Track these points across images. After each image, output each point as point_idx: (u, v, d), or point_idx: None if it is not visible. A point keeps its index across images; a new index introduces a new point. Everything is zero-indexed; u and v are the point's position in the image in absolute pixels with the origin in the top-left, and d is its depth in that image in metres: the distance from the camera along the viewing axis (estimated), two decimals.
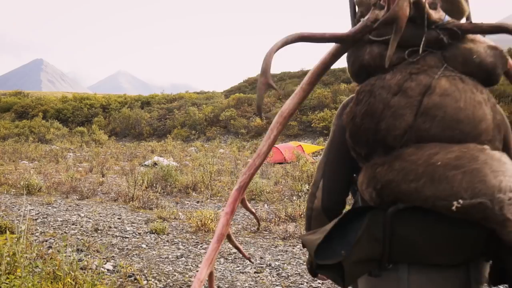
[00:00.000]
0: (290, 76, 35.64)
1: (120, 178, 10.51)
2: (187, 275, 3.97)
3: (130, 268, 3.96)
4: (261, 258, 4.47)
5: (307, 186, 7.60)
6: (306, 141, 20.83)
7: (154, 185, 8.55)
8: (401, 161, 1.09)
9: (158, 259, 4.42)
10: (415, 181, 1.05)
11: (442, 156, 1.05)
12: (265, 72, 1.13)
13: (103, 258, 4.27)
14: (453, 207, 1.01)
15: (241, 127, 25.25)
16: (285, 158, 13.73)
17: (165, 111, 31.10)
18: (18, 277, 2.87)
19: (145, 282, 3.71)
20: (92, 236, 5.18)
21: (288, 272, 4.04)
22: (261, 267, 4.19)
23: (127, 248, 4.77)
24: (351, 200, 1.38)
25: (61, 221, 5.93)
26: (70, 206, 7.05)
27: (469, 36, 1.19)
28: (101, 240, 5.03)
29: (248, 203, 1.24)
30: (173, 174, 9.14)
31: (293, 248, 4.83)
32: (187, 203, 7.63)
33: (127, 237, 5.22)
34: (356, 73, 1.26)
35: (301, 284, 3.74)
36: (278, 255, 4.58)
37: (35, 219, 6.00)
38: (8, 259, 3.04)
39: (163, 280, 3.81)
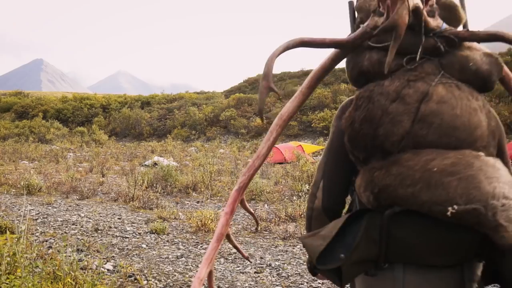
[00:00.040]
0: (290, 76, 35.65)
1: (120, 178, 10.52)
2: (187, 275, 3.97)
3: (130, 268, 3.96)
4: (261, 258, 4.47)
5: (307, 186, 7.60)
6: (306, 141, 20.84)
7: (154, 185, 8.55)
8: (399, 166, 1.11)
9: (158, 259, 4.42)
10: (412, 186, 1.08)
11: (439, 162, 1.07)
12: (267, 76, 1.15)
13: (103, 258, 4.27)
14: (448, 213, 1.04)
15: (241, 127, 25.27)
16: (285, 158, 13.74)
17: (165, 111, 31.12)
18: (18, 277, 2.87)
19: (145, 282, 3.71)
20: (92, 236, 5.18)
21: (288, 272, 4.05)
22: (261, 267, 4.20)
23: (127, 248, 4.78)
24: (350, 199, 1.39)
25: (61, 221, 5.93)
26: (70, 206, 7.06)
27: (466, 44, 1.21)
28: (101, 240, 5.04)
29: (247, 204, 1.26)
30: (173, 174, 9.14)
31: (293, 248, 4.83)
32: (187, 203, 7.64)
33: (127, 237, 5.22)
34: (355, 79, 1.28)
35: (301, 284, 3.74)
36: (278, 255, 4.58)
37: (35, 219, 6.00)
38: (8, 259, 3.04)
39: (163, 280, 3.81)
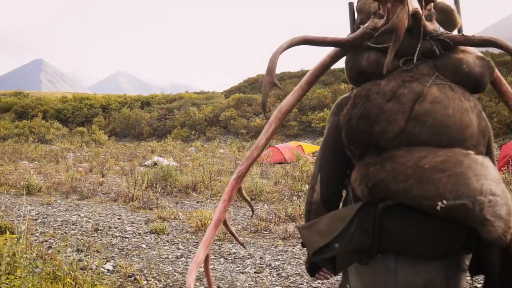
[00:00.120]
0: (290, 76, 35.63)
1: (120, 178, 10.51)
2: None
3: (130, 268, 3.96)
4: (261, 258, 4.47)
5: (307, 186, 7.60)
6: (306, 141, 20.85)
7: (154, 185, 8.55)
8: (392, 162, 1.16)
9: (158, 259, 4.42)
10: (404, 182, 1.13)
11: (430, 160, 1.13)
12: (271, 71, 1.21)
13: (103, 258, 4.27)
14: (438, 207, 1.10)
15: (241, 127, 25.27)
16: (285, 158, 13.74)
17: (165, 111, 31.11)
18: (18, 277, 2.87)
19: (145, 282, 3.71)
20: (92, 236, 5.18)
21: (288, 272, 4.04)
22: (261, 267, 4.19)
23: (127, 248, 4.77)
24: None
25: (61, 221, 5.93)
26: (70, 206, 7.06)
27: (460, 47, 1.27)
28: (101, 240, 5.03)
29: (244, 192, 1.31)
30: (173, 174, 9.14)
31: (293, 248, 4.83)
32: (187, 203, 7.63)
33: (127, 237, 5.22)
34: (354, 78, 1.34)
35: (301, 284, 3.74)
36: (278, 255, 4.58)
37: (35, 219, 6.00)
38: (8, 260, 3.04)
39: (163, 280, 3.81)
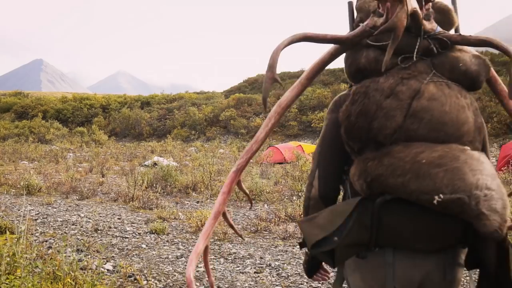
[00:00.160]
0: (290, 76, 35.60)
1: (120, 178, 10.51)
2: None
3: (130, 268, 3.96)
4: (261, 258, 4.47)
5: None
6: (306, 141, 20.84)
7: (154, 185, 8.55)
8: (390, 158, 1.18)
9: (158, 259, 4.42)
10: (402, 176, 1.16)
11: (427, 155, 1.15)
12: (272, 67, 1.23)
13: (103, 258, 4.27)
14: (435, 201, 1.12)
15: (241, 127, 25.25)
16: (285, 158, 13.74)
17: (165, 111, 31.09)
18: (18, 278, 2.87)
19: (145, 282, 3.71)
20: (92, 236, 5.18)
21: (288, 272, 4.04)
22: (261, 267, 4.19)
23: (127, 248, 4.77)
24: None
25: (61, 221, 5.93)
26: (70, 206, 7.05)
27: (457, 46, 1.30)
28: (101, 240, 5.03)
29: (244, 186, 1.34)
30: (173, 174, 9.14)
31: (293, 248, 4.83)
32: (187, 203, 7.63)
33: (127, 237, 5.22)
34: (353, 75, 1.36)
35: (301, 284, 3.74)
36: (278, 255, 4.58)
37: (35, 219, 6.00)
38: (8, 260, 3.04)
39: (163, 280, 3.81)
